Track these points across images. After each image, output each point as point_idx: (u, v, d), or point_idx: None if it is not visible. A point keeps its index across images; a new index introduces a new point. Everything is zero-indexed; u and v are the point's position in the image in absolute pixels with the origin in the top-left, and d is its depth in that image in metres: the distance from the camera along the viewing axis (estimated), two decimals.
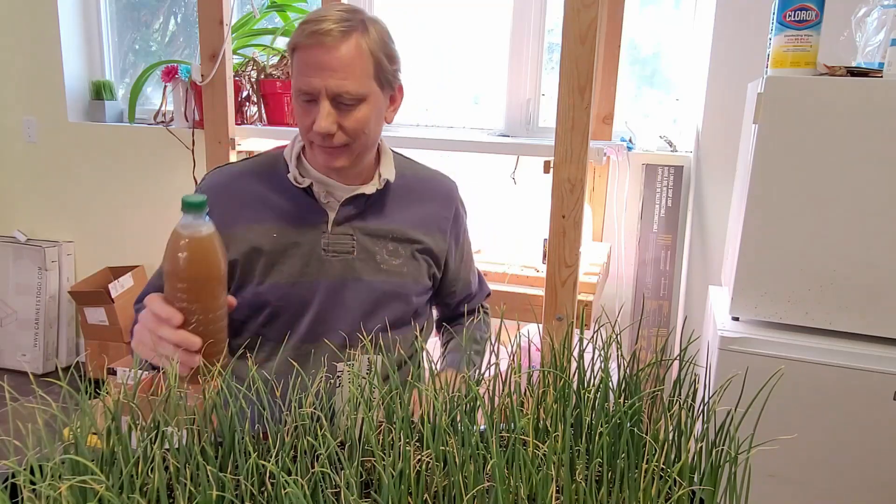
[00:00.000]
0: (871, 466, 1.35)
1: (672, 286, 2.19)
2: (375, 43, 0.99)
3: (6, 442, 0.61)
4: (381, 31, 1.01)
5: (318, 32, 0.95)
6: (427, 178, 1.19)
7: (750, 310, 1.43)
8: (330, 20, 0.95)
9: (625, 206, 2.24)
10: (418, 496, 0.58)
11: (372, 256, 1.08)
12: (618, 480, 0.60)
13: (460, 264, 1.22)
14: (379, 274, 1.08)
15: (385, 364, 0.76)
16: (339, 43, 0.95)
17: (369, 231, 1.09)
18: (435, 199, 1.17)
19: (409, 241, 1.11)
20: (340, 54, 0.95)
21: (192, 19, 2.91)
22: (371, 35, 0.99)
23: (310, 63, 0.96)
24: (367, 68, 0.98)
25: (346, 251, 1.07)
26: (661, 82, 2.35)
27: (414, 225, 1.12)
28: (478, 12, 2.44)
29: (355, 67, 0.97)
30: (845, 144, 1.31)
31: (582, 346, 0.72)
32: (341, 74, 0.96)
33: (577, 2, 1.29)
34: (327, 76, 0.95)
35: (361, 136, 1.01)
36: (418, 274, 1.12)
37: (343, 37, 0.95)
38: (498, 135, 2.38)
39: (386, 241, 1.10)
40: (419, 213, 1.14)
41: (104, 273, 2.89)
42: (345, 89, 0.96)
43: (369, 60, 0.98)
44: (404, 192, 1.14)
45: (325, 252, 1.06)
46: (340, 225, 1.07)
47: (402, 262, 1.10)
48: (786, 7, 1.30)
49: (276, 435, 0.65)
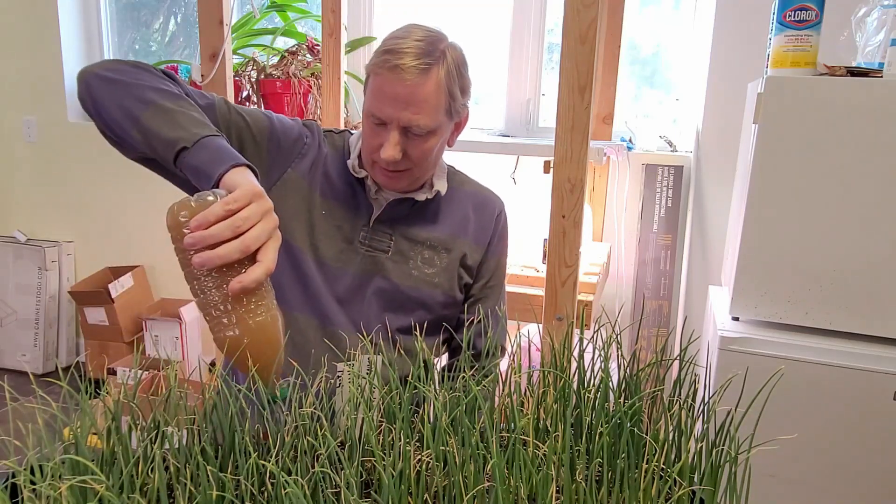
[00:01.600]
0: (871, 466, 1.35)
1: (672, 286, 2.19)
2: (451, 77, 0.99)
3: (6, 442, 0.61)
4: (458, 62, 1.01)
5: (398, 68, 0.95)
6: (474, 191, 1.19)
7: (750, 310, 1.43)
8: (411, 54, 0.96)
9: (625, 206, 2.24)
10: (418, 496, 0.58)
11: (405, 260, 1.09)
12: (618, 480, 0.60)
13: (484, 287, 1.19)
14: (408, 279, 1.09)
15: (385, 365, 0.76)
16: (417, 79, 0.96)
17: (409, 235, 1.10)
18: (479, 211, 1.17)
19: (447, 250, 1.12)
20: (417, 90, 0.96)
21: (192, 19, 2.91)
22: (448, 68, 0.99)
23: (386, 92, 0.97)
24: (441, 104, 0.99)
25: (381, 249, 1.08)
26: (661, 82, 2.35)
27: (454, 234, 1.13)
28: (478, 12, 2.44)
29: (430, 103, 0.97)
30: (845, 144, 1.31)
31: (582, 346, 0.72)
32: (414, 109, 0.97)
33: (577, 2, 1.29)
34: (401, 108, 0.96)
35: (425, 163, 1.03)
36: (450, 286, 1.12)
37: (422, 74, 0.96)
38: (498, 135, 2.38)
39: (423, 248, 1.10)
40: (461, 222, 1.14)
41: (104, 273, 2.89)
42: (416, 123, 0.97)
43: (444, 96, 0.99)
44: (451, 202, 1.15)
45: (361, 245, 1.07)
46: (382, 223, 1.08)
47: (435, 271, 1.10)
48: (786, 7, 1.30)
49: (276, 435, 0.65)
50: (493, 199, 1.21)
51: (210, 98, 1.01)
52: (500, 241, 1.20)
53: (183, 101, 0.89)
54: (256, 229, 0.70)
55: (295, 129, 1.09)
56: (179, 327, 2.55)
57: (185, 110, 0.86)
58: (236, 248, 0.68)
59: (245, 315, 0.71)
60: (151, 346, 2.58)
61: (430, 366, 0.77)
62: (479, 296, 1.18)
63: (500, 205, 1.21)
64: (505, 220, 1.22)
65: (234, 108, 1.03)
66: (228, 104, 1.03)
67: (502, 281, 1.23)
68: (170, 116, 0.84)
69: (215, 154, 0.79)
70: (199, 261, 0.68)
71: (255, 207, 0.71)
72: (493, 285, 1.20)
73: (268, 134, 1.05)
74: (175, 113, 0.85)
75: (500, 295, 1.22)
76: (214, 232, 0.68)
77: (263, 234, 0.71)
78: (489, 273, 1.18)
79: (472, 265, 1.15)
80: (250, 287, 0.69)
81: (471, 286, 1.17)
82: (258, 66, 2.24)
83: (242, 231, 0.69)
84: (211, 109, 0.99)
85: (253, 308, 0.72)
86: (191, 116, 0.86)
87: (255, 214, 0.71)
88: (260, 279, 0.70)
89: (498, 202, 1.21)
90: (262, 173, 1.03)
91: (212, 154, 0.80)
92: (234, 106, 1.03)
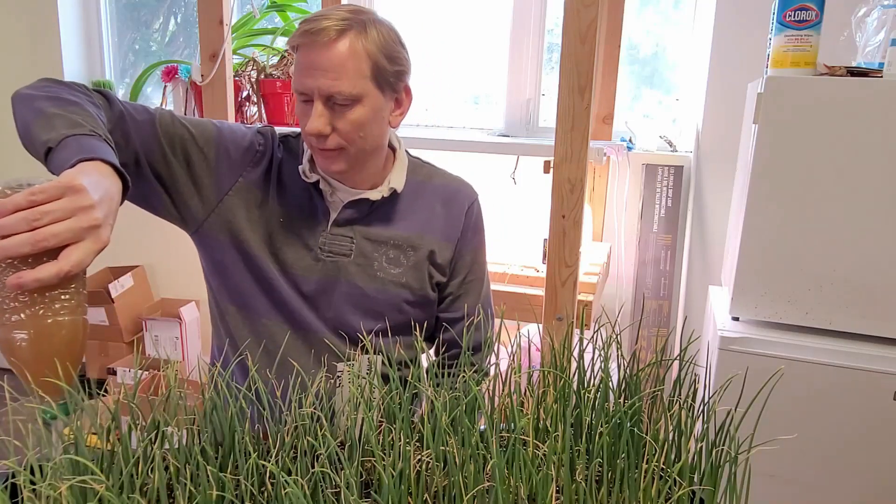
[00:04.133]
0: (871, 466, 1.35)
1: (672, 286, 2.19)
2: (374, 43, 0.97)
3: (6, 442, 0.61)
4: (385, 33, 0.99)
5: (312, 31, 0.94)
6: (443, 184, 1.15)
7: (750, 310, 1.43)
8: (327, 20, 0.95)
9: (625, 206, 2.24)
10: (418, 496, 0.58)
11: (370, 262, 1.07)
12: (618, 480, 0.60)
13: (462, 284, 1.15)
14: (373, 281, 1.06)
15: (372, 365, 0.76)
16: (332, 42, 0.94)
17: (370, 236, 1.07)
18: (448, 205, 1.14)
19: (413, 247, 1.09)
20: (332, 54, 0.94)
21: (192, 19, 2.91)
22: (370, 35, 0.97)
23: (304, 63, 0.96)
24: (361, 68, 0.96)
25: (342, 253, 1.06)
26: (661, 82, 2.35)
27: (420, 231, 1.10)
28: (478, 12, 2.44)
29: (348, 67, 0.95)
30: (845, 144, 1.31)
31: (582, 346, 0.72)
32: (332, 74, 0.94)
33: (577, 2, 1.29)
34: (319, 76, 0.95)
35: (357, 139, 0.99)
36: (420, 285, 1.10)
37: (337, 36, 0.94)
38: (498, 135, 2.38)
39: (387, 247, 1.08)
40: (427, 218, 1.11)
41: (104, 273, 2.89)
42: (336, 89, 0.95)
43: (364, 60, 0.96)
44: (415, 198, 1.11)
45: (321, 251, 1.05)
46: (341, 226, 1.06)
47: (401, 271, 1.08)
48: (786, 7, 1.30)
49: (276, 435, 0.65)
50: (463, 191, 1.17)
51: (152, 113, 0.99)
52: (473, 234, 1.16)
53: (75, 108, 0.84)
54: (58, 226, 0.63)
55: (247, 138, 1.07)
56: (179, 327, 2.55)
57: (69, 114, 0.81)
58: (24, 240, 0.61)
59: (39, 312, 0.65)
60: (151, 346, 2.58)
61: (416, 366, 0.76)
62: (458, 293, 1.15)
63: (472, 196, 1.17)
64: (478, 211, 1.18)
65: (180, 120, 1.02)
66: (174, 117, 1.01)
67: (482, 276, 1.19)
68: (48, 121, 0.79)
69: (73, 151, 0.74)
70: None
71: (65, 203, 0.64)
72: (472, 280, 1.16)
73: (214, 143, 1.03)
74: (55, 117, 0.80)
75: (483, 291, 1.19)
76: (6, 222, 0.62)
77: (66, 231, 0.63)
78: (465, 269, 1.15)
79: (443, 263, 1.12)
80: (29, 285, 0.62)
81: (445, 285, 1.14)
82: (258, 66, 2.23)
83: (41, 225, 0.62)
84: (151, 124, 0.98)
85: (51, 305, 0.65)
86: (70, 119, 0.80)
87: (61, 210, 0.64)
88: (43, 278, 0.62)
89: (469, 193, 1.17)
90: (212, 183, 1.03)
91: (70, 152, 0.74)
92: (180, 118, 1.02)
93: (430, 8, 2.48)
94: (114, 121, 0.94)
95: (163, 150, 0.99)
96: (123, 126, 0.95)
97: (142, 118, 0.98)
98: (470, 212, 1.16)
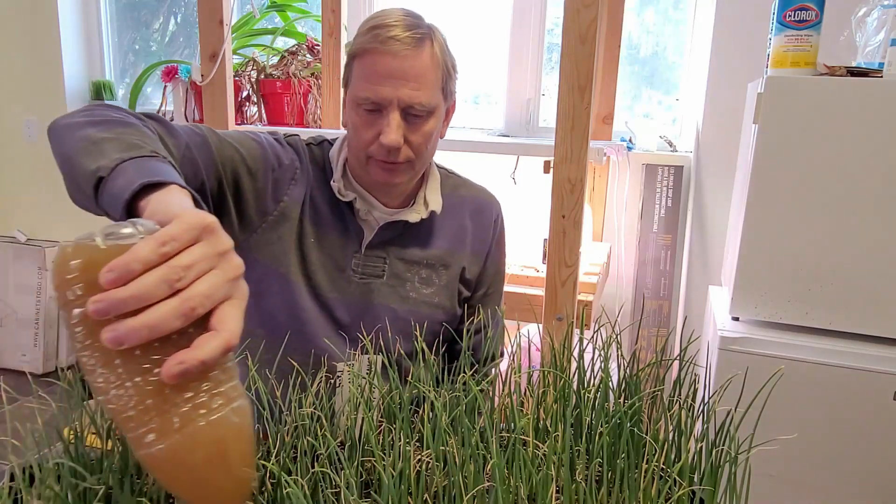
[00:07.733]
0: (871, 466, 1.35)
1: (672, 286, 2.19)
2: (444, 51, 0.94)
3: (6, 442, 0.61)
4: (443, 39, 0.96)
5: (391, 38, 0.88)
6: (470, 197, 1.12)
7: (750, 310, 1.43)
8: (399, 26, 0.89)
9: (625, 206, 2.24)
10: (418, 496, 0.58)
11: (402, 283, 1.03)
12: (618, 480, 0.60)
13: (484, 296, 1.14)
14: (405, 302, 1.03)
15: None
16: (413, 51, 0.89)
17: (404, 257, 1.03)
18: (476, 218, 1.11)
19: (445, 265, 1.06)
20: (415, 63, 0.89)
21: (192, 19, 2.91)
22: (438, 42, 0.93)
23: (379, 71, 0.89)
24: (437, 79, 0.93)
25: (375, 275, 1.01)
26: (661, 82, 2.35)
27: (451, 248, 1.07)
28: (477, 12, 2.44)
29: (428, 78, 0.91)
30: (845, 144, 1.31)
31: (582, 346, 0.72)
32: (414, 85, 0.89)
33: (577, 2, 1.29)
34: (400, 85, 0.89)
35: (424, 151, 0.96)
36: (451, 304, 1.07)
37: (417, 45, 0.90)
38: (498, 135, 2.38)
39: (420, 267, 1.04)
40: (457, 234, 1.08)
41: None
42: (418, 100, 0.90)
43: (440, 71, 0.93)
44: (447, 214, 1.07)
45: (354, 272, 1.00)
46: (375, 248, 1.02)
47: (433, 290, 1.05)
48: (786, 7, 1.30)
49: (276, 435, 0.65)
50: (490, 203, 1.15)
51: (201, 134, 0.87)
52: (497, 247, 1.15)
53: (127, 128, 0.68)
54: (206, 282, 0.45)
55: (287, 154, 1.00)
56: None
57: (122, 136, 0.65)
58: (173, 311, 0.43)
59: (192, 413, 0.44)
60: None
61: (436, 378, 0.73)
62: (477, 304, 1.14)
63: (497, 208, 1.16)
64: (502, 223, 1.17)
65: (225, 139, 0.91)
66: (218, 135, 0.90)
67: (501, 287, 1.18)
68: (96, 147, 0.63)
69: (134, 175, 0.57)
70: (113, 337, 0.42)
71: (205, 248, 0.46)
72: (492, 292, 1.15)
73: (262, 164, 0.95)
74: (104, 142, 0.64)
75: (499, 299, 1.19)
76: (141, 289, 0.42)
77: (217, 289, 0.46)
78: (488, 282, 1.14)
79: (471, 278, 1.10)
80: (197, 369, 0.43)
81: (470, 298, 1.12)
82: (258, 66, 2.24)
83: (184, 286, 0.44)
84: (207, 147, 0.87)
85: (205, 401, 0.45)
86: (125, 142, 0.64)
87: (203, 258, 0.46)
88: (215, 356, 0.44)
89: (495, 206, 1.15)
90: (259, 207, 0.95)
91: (128, 177, 0.57)
92: (222, 136, 0.91)
93: (429, 8, 2.48)
94: (181, 149, 0.81)
95: (217, 174, 0.90)
96: (190, 155, 0.83)
97: (200, 141, 0.87)
98: (496, 224, 1.14)
